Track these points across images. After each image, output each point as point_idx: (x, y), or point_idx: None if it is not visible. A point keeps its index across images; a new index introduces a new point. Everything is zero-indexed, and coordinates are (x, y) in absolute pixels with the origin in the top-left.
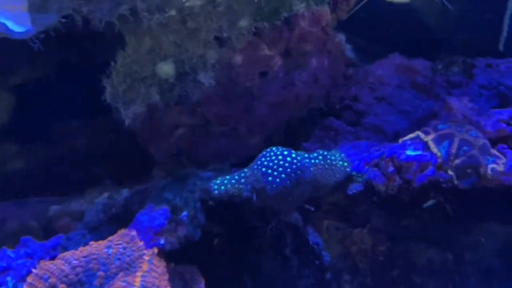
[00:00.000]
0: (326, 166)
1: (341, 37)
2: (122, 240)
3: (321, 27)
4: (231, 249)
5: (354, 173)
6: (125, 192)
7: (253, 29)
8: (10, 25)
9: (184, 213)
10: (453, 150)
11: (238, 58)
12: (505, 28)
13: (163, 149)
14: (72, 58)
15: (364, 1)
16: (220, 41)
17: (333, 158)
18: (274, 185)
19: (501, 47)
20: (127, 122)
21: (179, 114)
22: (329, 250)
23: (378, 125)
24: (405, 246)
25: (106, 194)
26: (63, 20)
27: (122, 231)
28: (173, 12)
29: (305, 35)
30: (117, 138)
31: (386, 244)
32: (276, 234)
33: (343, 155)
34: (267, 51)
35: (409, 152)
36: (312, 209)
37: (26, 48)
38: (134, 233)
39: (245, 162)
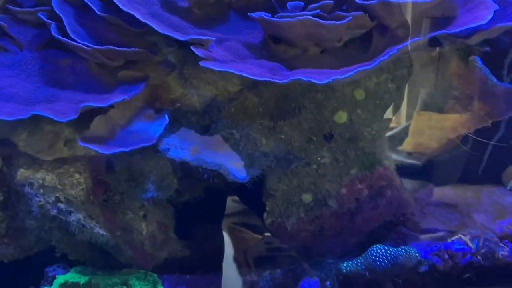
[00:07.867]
0: (407, 255)
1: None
2: None
3: (389, 171)
4: None
5: (422, 259)
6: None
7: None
8: (235, 172)
9: (328, 282)
10: (480, 244)
11: (343, 190)
12: None
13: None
14: None
15: None
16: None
17: (409, 250)
18: (381, 266)
19: None
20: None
21: (303, 224)
22: None
23: (428, 229)
24: None
25: None
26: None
27: None
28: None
29: (381, 176)
30: None
31: None
32: None
33: (414, 249)
34: (359, 185)
35: (456, 246)
36: (400, 281)
37: None
38: None
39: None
